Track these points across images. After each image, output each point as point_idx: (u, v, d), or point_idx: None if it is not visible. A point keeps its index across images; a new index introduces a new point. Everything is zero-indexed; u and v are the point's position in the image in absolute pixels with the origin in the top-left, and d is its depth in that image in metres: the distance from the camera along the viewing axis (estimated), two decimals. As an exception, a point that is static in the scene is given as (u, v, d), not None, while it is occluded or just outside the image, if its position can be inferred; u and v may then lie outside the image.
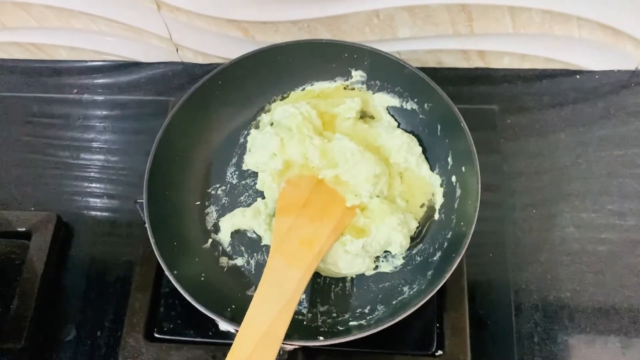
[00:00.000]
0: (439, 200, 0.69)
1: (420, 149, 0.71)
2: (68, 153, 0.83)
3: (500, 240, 0.71)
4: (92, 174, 0.81)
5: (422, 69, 0.68)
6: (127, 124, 0.86)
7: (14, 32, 0.87)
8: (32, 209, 0.79)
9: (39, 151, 0.84)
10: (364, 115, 0.75)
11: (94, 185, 0.81)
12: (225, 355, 0.55)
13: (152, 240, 0.60)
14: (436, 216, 0.68)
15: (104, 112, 0.87)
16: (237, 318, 0.57)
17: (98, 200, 0.79)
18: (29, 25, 0.85)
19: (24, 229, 0.74)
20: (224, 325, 0.58)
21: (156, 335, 0.67)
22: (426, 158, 0.71)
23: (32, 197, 0.80)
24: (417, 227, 0.68)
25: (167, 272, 0.59)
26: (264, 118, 0.75)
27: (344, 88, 0.75)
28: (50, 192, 0.80)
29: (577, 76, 0.82)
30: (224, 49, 0.85)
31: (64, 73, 0.91)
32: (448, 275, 0.57)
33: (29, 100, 0.88)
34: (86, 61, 0.91)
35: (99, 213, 0.79)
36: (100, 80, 0.90)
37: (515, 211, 0.73)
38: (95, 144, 0.84)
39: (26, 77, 0.91)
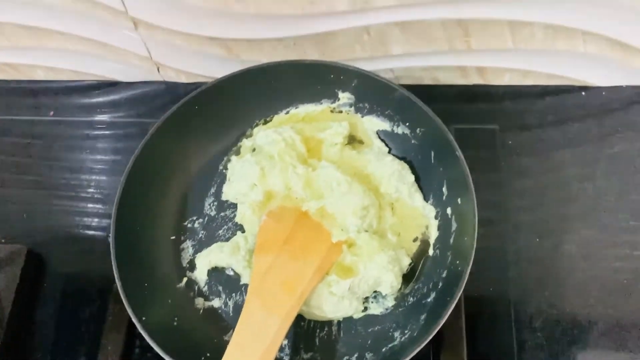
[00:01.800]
0: (433, 234, 0.65)
1: (412, 177, 0.67)
2: (41, 178, 0.80)
3: (501, 274, 0.67)
4: (67, 202, 0.78)
5: (417, 87, 0.65)
6: (107, 145, 0.81)
7: (-13, 52, 0.83)
8: (3, 240, 0.75)
9: (6, 179, 0.80)
10: (352, 140, 0.71)
11: (69, 214, 0.77)
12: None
13: (118, 283, 0.57)
14: (430, 252, 0.64)
15: (84, 132, 0.83)
16: (211, 368, 0.53)
17: (73, 229, 0.76)
18: (2, 44, 0.81)
19: (-9, 264, 0.71)
20: (197, 377, 0.54)
21: (130, 379, 0.64)
22: (420, 187, 0.67)
23: (1, 227, 0.76)
24: (410, 264, 0.64)
25: (134, 319, 0.56)
26: (246, 143, 0.71)
27: (331, 111, 0.71)
28: (21, 221, 0.77)
29: (583, 92, 0.79)
30: (208, 68, 0.81)
31: (41, 94, 0.87)
32: (442, 322, 0.53)
33: (3, 123, 0.85)
34: (64, 81, 0.87)
35: (73, 244, 0.75)
36: (79, 101, 0.86)
37: (518, 240, 0.70)
38: (71, 172, 0.80)
39: (1, 98, 0.87)
